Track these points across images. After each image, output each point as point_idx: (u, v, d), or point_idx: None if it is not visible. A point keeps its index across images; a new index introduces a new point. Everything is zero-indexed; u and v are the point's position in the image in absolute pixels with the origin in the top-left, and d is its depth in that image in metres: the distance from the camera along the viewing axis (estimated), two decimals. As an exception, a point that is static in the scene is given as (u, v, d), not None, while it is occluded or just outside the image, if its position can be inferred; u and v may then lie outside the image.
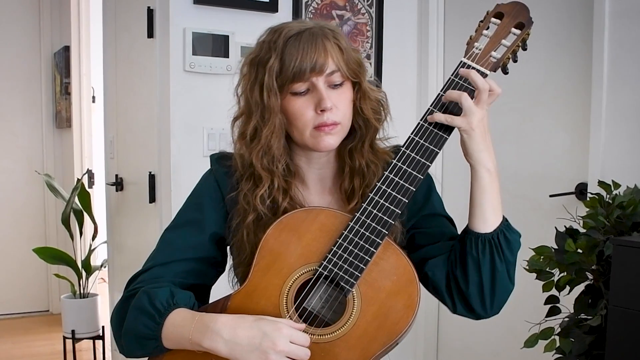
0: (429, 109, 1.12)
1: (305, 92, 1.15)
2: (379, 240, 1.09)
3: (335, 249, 1.10)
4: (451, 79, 1.12)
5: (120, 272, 3.31)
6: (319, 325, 1.10)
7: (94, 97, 4.66)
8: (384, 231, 1.09)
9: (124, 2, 3.01)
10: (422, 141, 1.10)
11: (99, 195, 4.29)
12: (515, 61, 1.15)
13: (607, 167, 2.27)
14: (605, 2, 2.24)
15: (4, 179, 4.66)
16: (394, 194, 1.10)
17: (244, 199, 1.20)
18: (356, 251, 1.09)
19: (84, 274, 3.71)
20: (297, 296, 1.12)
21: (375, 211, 1.10)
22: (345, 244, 1.10)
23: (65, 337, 3.64)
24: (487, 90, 1.09)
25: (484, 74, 1.10)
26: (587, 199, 2.02)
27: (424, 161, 1.10)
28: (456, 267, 1.15)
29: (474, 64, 1.11)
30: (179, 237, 1.22)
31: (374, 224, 1.10)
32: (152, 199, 2.70)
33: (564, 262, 1.90)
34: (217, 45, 2.55)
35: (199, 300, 1.16)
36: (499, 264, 1.13)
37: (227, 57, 2.56)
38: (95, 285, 3.94)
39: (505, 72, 1.15)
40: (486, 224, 1.13)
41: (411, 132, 1.12)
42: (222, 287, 1.28)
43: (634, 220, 1.90)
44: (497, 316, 2.86)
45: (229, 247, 1.27)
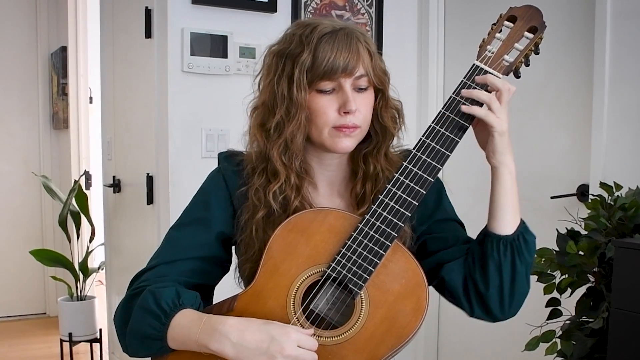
0: (441, 111, 1.12)
1: (330, 91, 1.14)
2: (388, 242, 1.09)
3: (344, 250, 1.10)
4: (463, 81, 1.12)
5: (117, 275, 3.30)
6: (326, 327, 1.10)
7: (91, 98, 4.64)
8: (394, 234, 1.09)
9: (122, 2, 3.01)
10: (433, 143, 1.10)
11: (96, 196, 4.27)
12: (527, 65, 1.15)
13: (609, 168, 2.27)
14: (607, 2, 2.24)
15: (0, 180, 4.64)
16: (404, 196, 1.10)
17: (255, 194, 1.19)
18: (365, 253, 1.09)
19: (81, 276, 3.70)
20: (305, 298, 1.11)
21: (385, 213, 1.10)
22: (354, 246, 1.09)
23: (62, 340, 3.64)
24: (508, 90, 1.09)
25: (496, 77, 1.11)
26: (589, 200, 2.01)
27: (434, 164, 1.10)
28: (475, 270, 1.15)
29: (486, 67, 1.11)
30: (185, 236, 1.21)
31: (383, 226, 1.09)
32: (150, 201, 2.70)
33: (565, 265, 1.90)
34: (216, 45, 2.55)
35: (204, 299, 1.15)
36: (519, 266, 1.14)
37: (226, 57, 2.56)
38: (92, 287, 3.93)
39: (517, 76, 1.15)
40: (507, 226, 1.14)
41: (422, 134, 1.11)
42: (227, 286, 1.28)
43: (636, 222, 1.89)
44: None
45: (234, 246, 1.26)
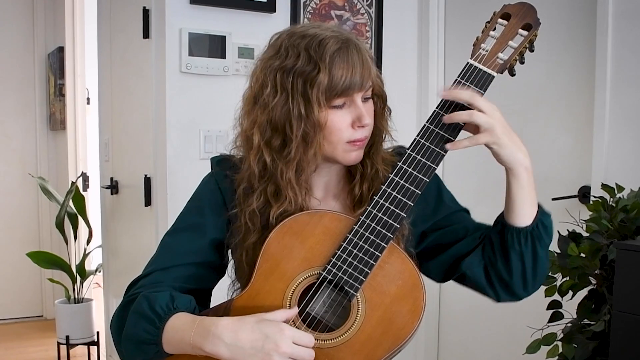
0: (435, 110, 1.11)
1: (342, 105, 1.13)
2: (383, 244, 1.08)
3: (339, 252, 1.09)
4: (457, 80, 1.11)
5: (115, 277, 3.30)
6: (322, 330, 1.09)
7: (88, 99, 4.64)
8: (390, 235, 1.09)
9: (119, 2, 3.01)
10: (428, 143, 1.10)
11: (93, 198, 4.28)
12: (522, 63, 1.15)
13: (611, 169, 2.26)
14: (608, 2, 2.24)
15: (-4, 182, 4.65)
16: (399, 197, 1.09)
17: (249, 216, 1.17)
18: (361, 255, 1.08)
19: (79, 278, 3.70)
20: (301, 301, 1.10)
21: (380, 214, 1.09)
22: (349, 248, 1.09)
23: (59, 343, 3.64)
24: (472, 96, 1.07)
25: (490, 75, 1.11)
26: (590, 202, 2.00)
27: (429, 164, 1.10)
28: (496, 260, 1.17)
29: (480, 65, 1.11)
30: (179, 242, 1.21)
31: (379, 228, 1.09)
32: (148, 203, 2.69)
33: (566, 267, 1.89)
34: (214, 46, 2.54)
35: (200, 304, 1.15)
36: (540, 251, 1.16)
37: (224, 58, 2.56)
38: (89, 290, 3.93)
39: (512, 74, 1.15)
40: (526, 218, 1.14)
41: (417, 134, 1.11)
42: (223, 290, 1.27)
43: (638, 224, 1.88)
44: (498, 321, 2.85)
45: (229, 249, 1.25)
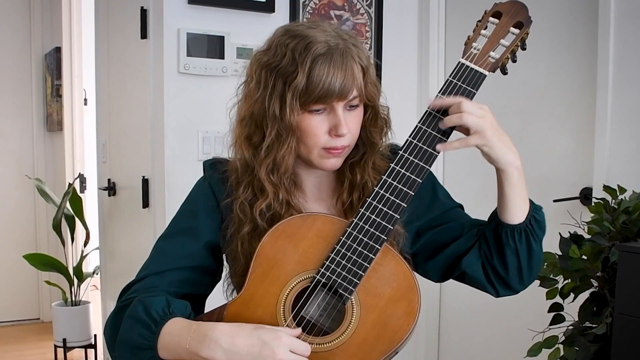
0: (427, 110, 1.11)
1: (321, 111, 1.13)
2: (377, 246, 1.08)
3: (332, 255, 1.09)
4: (449, 80, 1.12)
5: (112, 279, 3.30)
6: (317, 333, 1.09)
7: (85, 100, 4.64)
8: (383, 237, 1.08)
9: (117, 1, 3.01)
10: (420, 144, 1.10)
11: (91, 200, 4.28)
12: (514, 61, 1.15)
13: (613, 171, 2.26)
14: (610, 2, 2.24)
15: (-7, 183, 4.65)
16: (392, 198, 1.09)
17: (240, 208, 1.18)
18: (354, 257, 1.08)
19: (76, 281, 3.71)
20: (295, 304, 1.10)
21: (373, 216, 1.09)
22: (343, 251, 1.09)
23: (56, 346, 3.64)
24: (459, 103, 1.07)
25: (482, 74, 1.11)
26: (592, 204, 2.02)
27: (422, 165, 1.10)
28: (492, 257, 1.19)
29: (472, 65, 1.12)
30: (173, 246, 1.21)
31: (372, 230, 1.09)
32: (146, 204, 2.69)
33: (568, 269, 1.90)
34: (213, 46, 2.54)
35: (194, 310, 1.15)
36: (535, 245, 1.18)
37: (223, 58, 2.55)
38: (87, 292, 3.93)
39: (504, 72, 1.15)
40: (519, 215, 1.16)
41: (409, 135, 1.11)
42: (217, 296, 1.26)
43: (640, 225, 1.89)
44: (499, 324, 2.84)
45: (224, 255, 1.25)
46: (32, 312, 4.76)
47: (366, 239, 1.08)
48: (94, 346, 3.66)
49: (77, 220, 3.72)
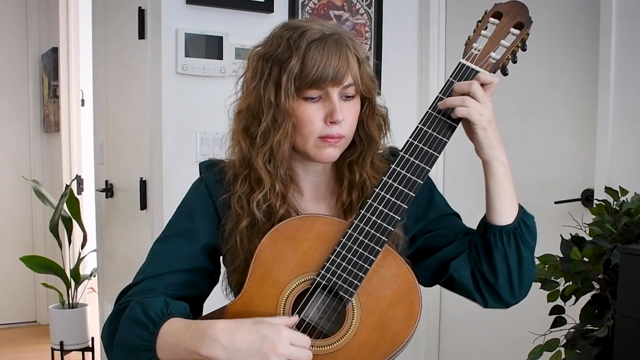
0: (428, 111, 1.11)
1: (317, 99, 1.14)
2: (378, 247, 1.08)
3: (333, 257, 1.09)
4: (450, 80, 1.12)
5: (110, 282, 3.29)
6: (317, 336, 1.08)
7: (83, 101, 4.64)
8: (384, 238, 1.08)
9: (114, 2, 3.00)
10: (421, 145, 1.10)
11: (88, 202, 4.28)
12: (514, 62, 1.15)
13: (614, 172, 2.26)
14: (612, 2, 2.23)
15: (-11, 185, 4.64)
16: (393, 199, 1.09)
17: (237, 202, 1.18)
18: (355, 259, 1.08)
19: (73, 283, 3.70)
20: (295, 307, 1.09)
21: (374, 218, 1.09)
22: (343, 252, 1.08)
23: (53, 349, 3.64)
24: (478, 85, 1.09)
25: (482, 73, 1.11)
26: (594, 205, 2.01)
27: (423, 166, 1.10)
28: (481, 263, 1.17)
29: (472, 65, 1.12)
30: (170, 248, 1.21)
31: (373, 231, 1.08)
32: (144, 206, 2.68)
33: (569, 271, 1.89)
34: (211, 46, 2.53)
35: (193, 312, 1.15)
36: (525, 251, 1.16)
37: (221, 59, 2.54)
38: (84, 295, 3.93)
39: (504, 73, 1.15)
40: (507, 216, 1.15)
41: (410, 136, 1.11)
42: (216, 297, 1.26)
43: (642, 227, 1.90)
44: (500, 326, 2.83)
45: (222, 256, 1.25)
46: (29, 315, 4.75)
47: (367, 241, 1.08)
48: (92, 349, 3.65)
49: (74, 222, 3.72)
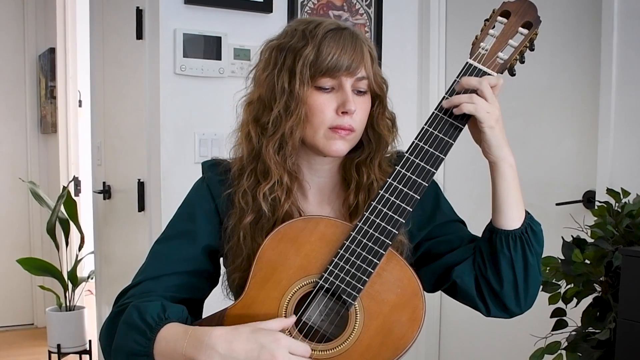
0: (434, 112, 1.10)
1: (329, 89, 1.13)
2: (382, 251, 1.06)
3: (336, 260, 1.07)
4: (457, 81, 1.10)
5: (108, 284, 3.29)
6: (319, 340, 1.07)
7: (80, 101, 4.64)
8: (388, 241, 1.07)
9: (112, 2, 3.00)
10: (427, 147, 1.09)
11: (85, 203, 4.26)
12: (522, 62, 1.14)
13: (616, 174, 2.25)
14: (614, 2, 2.23)
15: (-14, 187, 4.64)
16: (397, 202, 1.08)
17: (242, 197, 1.17)
18: (358, 263, 1.06)
19: (70, 285, 3.70)
20: (297, 310, 1.08)
21: (378, 220, 1.07)
22: (346, 255, 1.07)
23: (50, 352, 3.63)
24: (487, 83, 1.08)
25: (490, 76, 1.10)
26: (595, 207, 2.00)
27: (429, 168, 1.08)
28: (486, 269, 1.16)
29: (480, 65, 1.10)
30: (170, 250, 1.19)
31: (377, 234, 1.07)
32: (141, 208, 2.67)
33: (570, 274, 1.89)
34: (209, 47, 2.53)
35: (192, 314, 1.13)
36: (531, 258, 1.14)
37: (220, 59, 2.54)
38: (81, 297, 3.94)
39: (512, 73, 1.14)
40: (514, 220, 1.14)
41: (415, 138, 1.10)
42: (215, 298, 1.25)
43: (644, 229, 1.89)
44: (501, 329, 2.82)
45: (222, 258, 1.24)
46: (26, 317, 4.75)
47: (370, 244, 1.06)
48: (89, 352, 3.65)
49: (71, 224, 3.72)
